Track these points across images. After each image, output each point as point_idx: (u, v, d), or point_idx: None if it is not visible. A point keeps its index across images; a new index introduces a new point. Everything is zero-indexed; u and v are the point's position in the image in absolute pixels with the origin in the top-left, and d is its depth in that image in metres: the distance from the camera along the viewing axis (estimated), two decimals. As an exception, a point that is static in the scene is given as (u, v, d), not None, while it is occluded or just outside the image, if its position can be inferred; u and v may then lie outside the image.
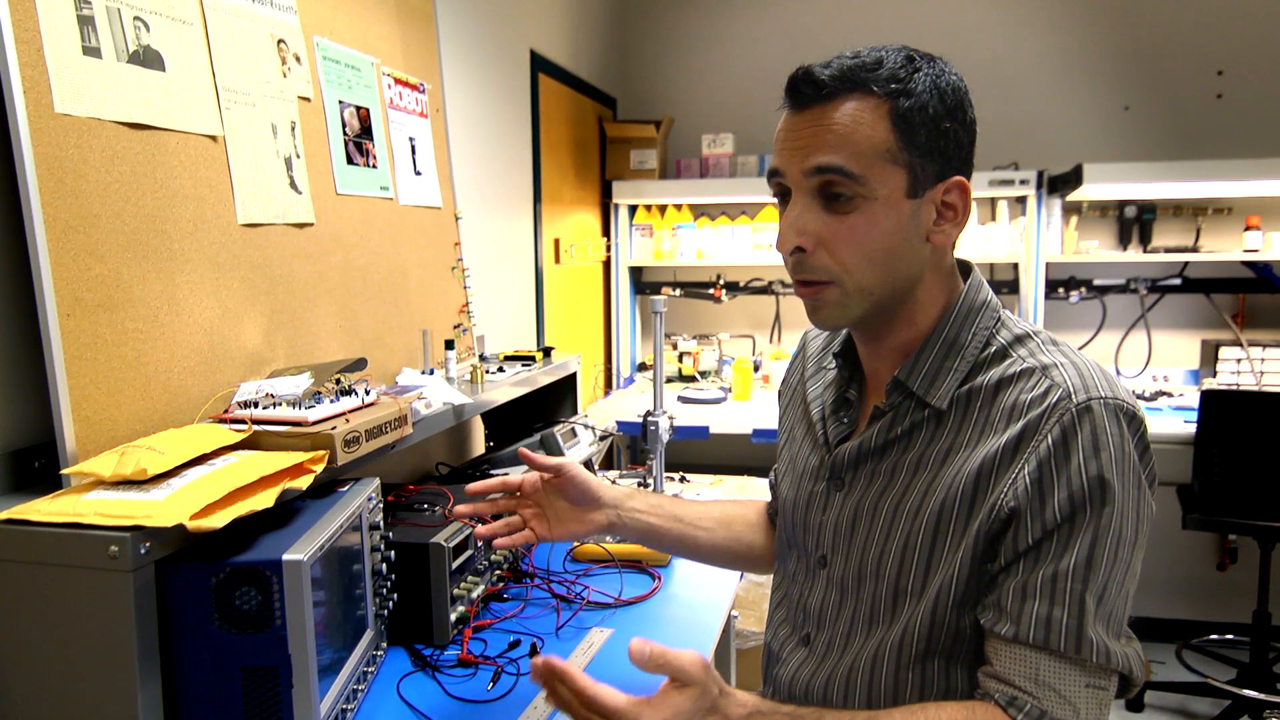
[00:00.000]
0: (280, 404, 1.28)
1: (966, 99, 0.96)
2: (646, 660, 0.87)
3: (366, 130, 1.83)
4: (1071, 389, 0.90)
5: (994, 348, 0.98)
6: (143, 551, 0.96)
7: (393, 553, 1.38)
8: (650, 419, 2.05)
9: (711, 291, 4.05)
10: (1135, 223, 3.67)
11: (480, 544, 1.58)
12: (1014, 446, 0.91)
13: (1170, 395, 3.55)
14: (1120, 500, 0.88)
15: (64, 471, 1.08)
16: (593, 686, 0.88)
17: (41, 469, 1.16)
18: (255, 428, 1.23)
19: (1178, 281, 3.68)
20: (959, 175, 0.96)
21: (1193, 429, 2.94)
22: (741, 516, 1.34)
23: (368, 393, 1.41)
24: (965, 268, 1.06)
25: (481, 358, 2.15)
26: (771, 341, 4.13)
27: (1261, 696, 2.95)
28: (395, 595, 1.39)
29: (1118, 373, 3.78)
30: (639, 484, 2.30)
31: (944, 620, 0.95)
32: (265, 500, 1.07)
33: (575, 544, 1.87)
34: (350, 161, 1.76)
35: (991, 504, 0.91)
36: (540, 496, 1.26)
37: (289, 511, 1.18)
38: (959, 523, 0.94)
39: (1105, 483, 0.87)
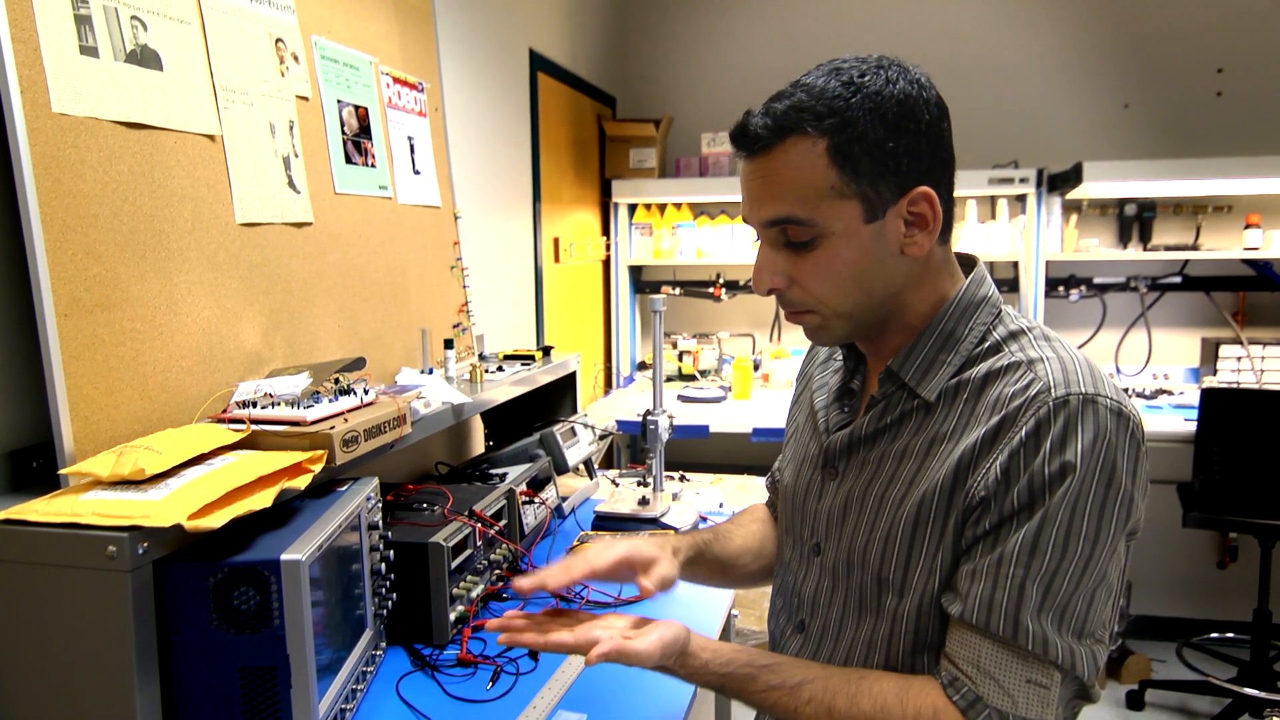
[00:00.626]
0: (279, 404, 1.28)
1: (918, 107, 0.94)
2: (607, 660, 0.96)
3: (365, 129, 1.83)
4: (1052, 383, 0.90)
5: (989, 342, 0.99)
6: (140, 551, 0.96)
7: (392, 552, 1.38)
8: (650, 418, 2.05)
9: (711, 290, 4.05)
10: (1135, 221, 3.67)
11: (480, 543, 1.58)
12: (991, 438, 0.92)
13: (1170, 393, 3.55)
14: (1075, 493, 0.87)
15: (62, 471, 1.08)
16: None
17: (39, 469, 1.16)
18: (254, 427, 1.23)
19: (1178, 279, 3.67)
20: (923, 185, 0.95)
21: (1193, 427, 2.93)
22: (769, 536, 1.33)
23: (366, 392, 1.41)
24: (971, 262, 1.06)
25: (481, 357, 2.15)
26: (771, 340, 4.12)
27: (1262, 695, 2.95)
28: (394, 595, 1.39)
29: (1118, 371, 3.78)
30: (638, 483, 2.30)
31: (930, 613, 0.96)
32: (263, 500, 1.07)
33: (574, 543, 1.87)
34: (349, 161, 1.76)
35: (966, 493, 0.92)
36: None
37: (287, 511, 1.18)
38: (939, 515, 0.94)
39: (1064, 474, 0.87)
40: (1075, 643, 0.89)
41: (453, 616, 1.46)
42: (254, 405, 1.28)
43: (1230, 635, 3.52)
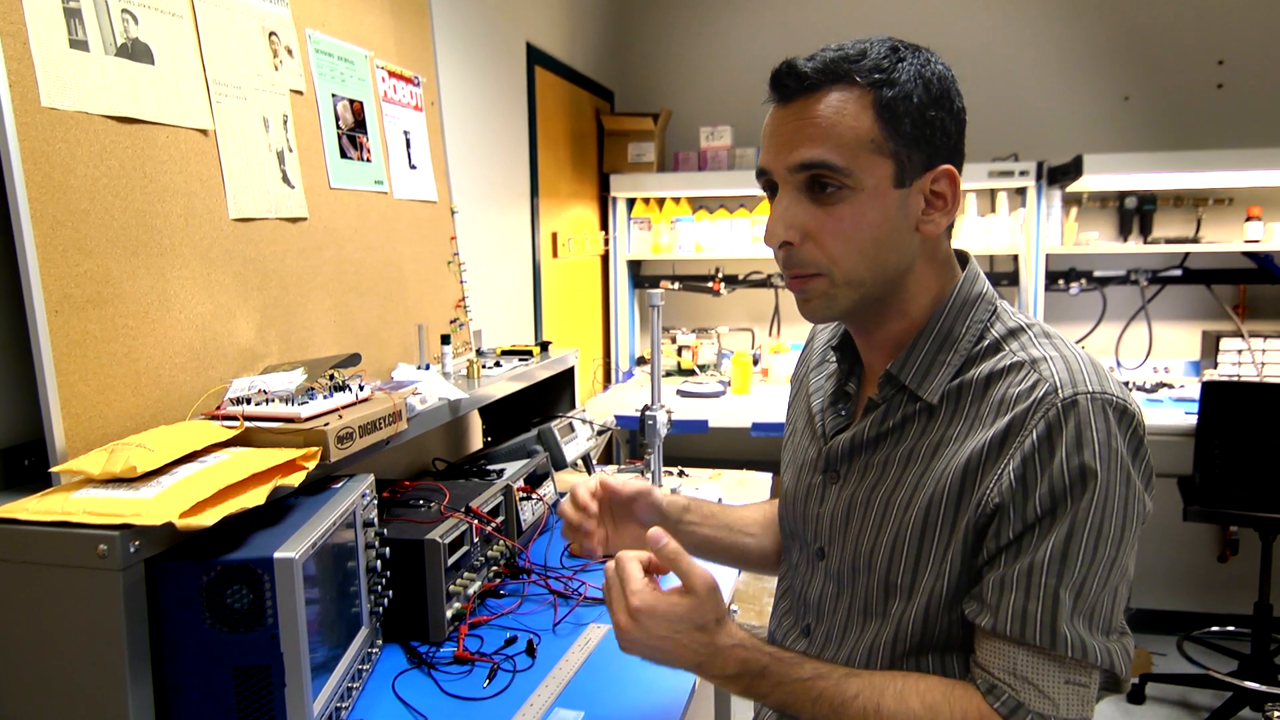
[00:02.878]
0: (273, 400, 1.27)
1: (953, 88, 0.95)
2: (662, 549, 0.95)
3: (360, 124, 1.82)
4: (1058, 383, 0.89)
5: (987, 341, 0.97)
6: (132, 550, 0.95)
7: (387, 549, 1.37)
8: (648, 413, 2.04)
9: (710, 285, 4.04)
10: (1136, 213, 3.66)
11: (477, 540, 1.57)
12: (1000, 442, 0.90)
13: (1171, 387, 3.54)
14: (1100, 495, 0.86)
15: (53, 469, 1.07)
16: (629, 565, 0.97)
17: (31, 467, 1.15)
18: (247, 424, 1.22)
19: (1178, 272, 3.66)
20: (947, 164, 0.95)
21: (1193, 420, 2.93)
22: (775, 519, 1.32)
23: (362, 388, 1.40)
24: (962, 258, 1.04)
25: (478, 352, 2.14)
26: (770, 335, 4.12)
27: (1262, 688, 2.95)
28: (390, 592, 1.38)
29: (1118, 364, 3.77)
30: (637, 478, 2.29)
31: (937, 617, 0.95)
32: (256, 498, 1.06)
33: (573, 539, 1.86)
34: (344, 155, 1.75)
35: (978, 500, 0.91)
36: (605, 507, 1.21)
37: (281, 509, 1.17)
38: (946, 519, 0.93)
39: (1085, 477, 0.86)
40: (1107, 640, 0.89)
41: (449, 614, 1.45)
42: (248, 402, 1.27)
43: (1231, 629, 3.52)
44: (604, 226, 3.94)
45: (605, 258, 3.99)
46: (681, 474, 2.51)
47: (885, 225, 0.94)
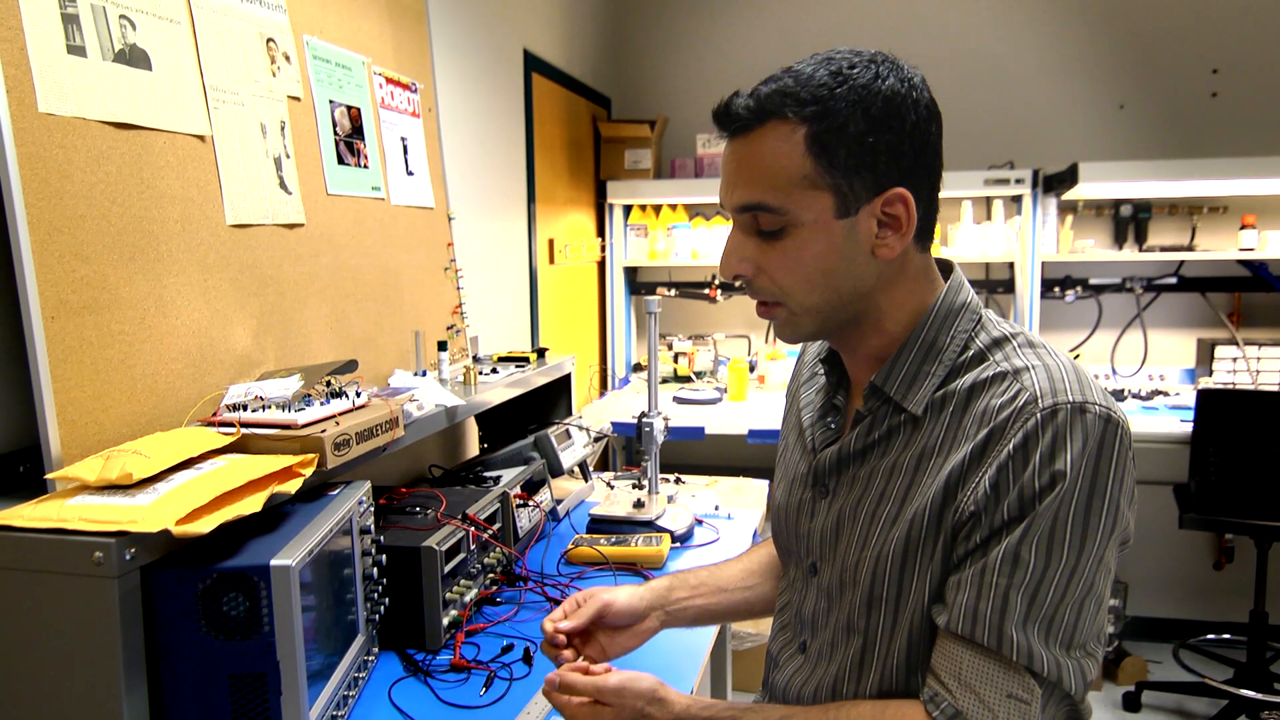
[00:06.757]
0: (269, 407, 1.27)
1: (907, 105, 0.91)
2: (558, 689, 1.01)
3: (358, 130, 1.82)
4: (1039, 393, 0.88)
5: (972, 351, 0.96)
6: (128, 557, 0.95)
7: (384, 557, 1.37)
8: (645, 420, 2.04)
9: (706, 292, 4.03)
10: (1131, 221, 3.67)
11: (473, 547, 1.57)
12: (980, 453, 0.90)
13: (1166, 394, 3.54)
14: (1059, 501, 0.85)
15: (49, 476, 1.07)
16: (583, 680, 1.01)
17: (26, 473, 1.15)
18: (244, 431, 1.22)
19: (1173, 280, 3.67)
20: (900, 186, 0.93)
21: (1189, 428, 2.93)
22: (777, 557, 1.31)
23: (359, 395, 1.39)
24: (947, 268, 1.04)
25: (475, 359, 2.14)
26: (767, 342, 4.12)
27: (1258, 696, 2.95)
28: (386, 600, 1.38)
29: (1114, 372, 3.78)
30: (633, 485, 2.29)
31: (923, 633, 0.94)
32: (253, 505, 1.06)
33: (569, 546, 1.86)
34: (341, 161, 1.75)
35: (956, 509, 0.90)
36: (583, 631, 1.20)
37: (278, 516, 1.17)
38: (930, 532, 0.93)
39: (1051, 482, 0.85)
40: (1063, 655, 0.87)
41: (446, 621, 1.45)
42: (244, 408, 1.27)
43: (1226, 636, 3.52)
44: (600, 233, 3.94)
45: (602, 264, 3.99)
46: (678, 481, 2.51)
47: (832, 255, 0.94)
